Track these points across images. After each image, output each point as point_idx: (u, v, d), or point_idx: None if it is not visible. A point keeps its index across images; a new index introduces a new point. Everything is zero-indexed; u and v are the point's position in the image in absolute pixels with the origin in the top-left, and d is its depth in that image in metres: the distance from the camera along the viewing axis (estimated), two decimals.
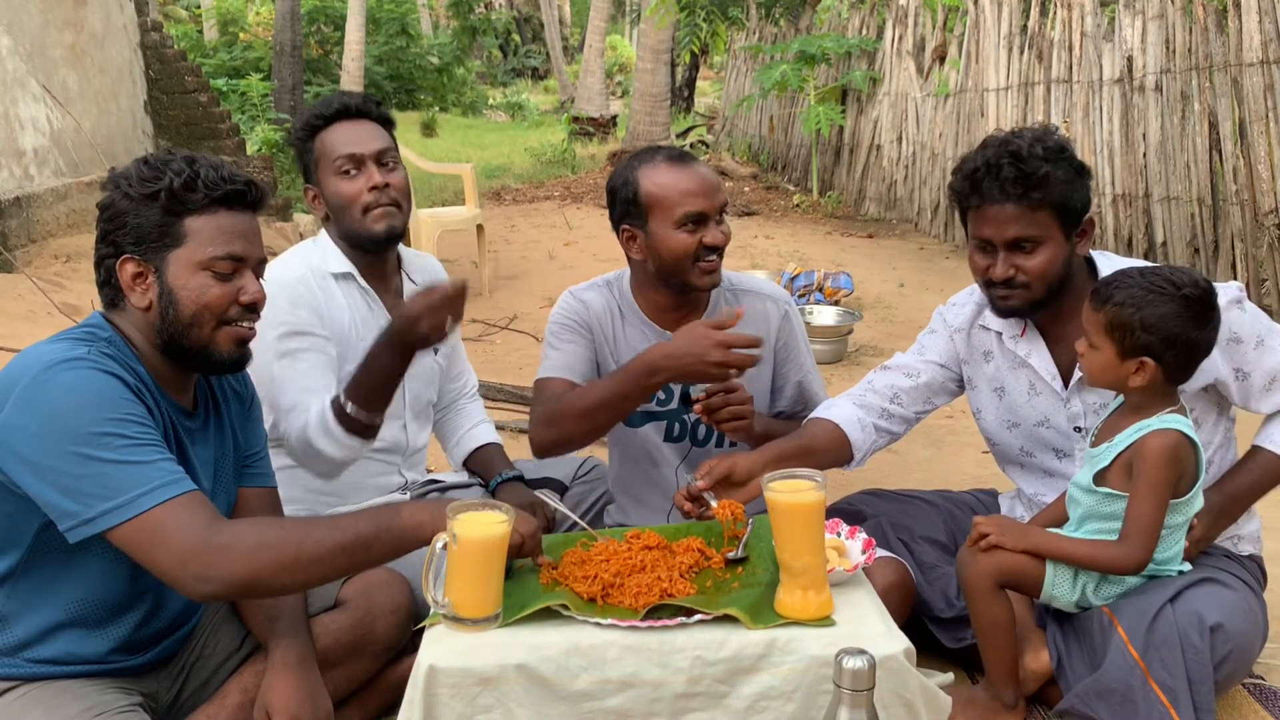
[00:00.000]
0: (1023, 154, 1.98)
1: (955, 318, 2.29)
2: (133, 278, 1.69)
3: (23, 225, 6.15)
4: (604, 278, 2.43)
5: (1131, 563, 1.88)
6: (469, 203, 6.70)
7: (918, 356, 2.31)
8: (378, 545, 1.63)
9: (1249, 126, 5.22)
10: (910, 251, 7.93)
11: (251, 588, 1.59)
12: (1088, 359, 1.91)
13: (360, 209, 2.25)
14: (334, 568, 1.62)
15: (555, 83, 25.12)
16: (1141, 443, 1.87)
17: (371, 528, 1.62)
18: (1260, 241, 5.23)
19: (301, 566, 1.58)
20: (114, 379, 1.59)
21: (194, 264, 1.68)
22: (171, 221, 1.67)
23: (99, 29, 7.48)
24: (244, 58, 17.87)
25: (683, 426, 2.37)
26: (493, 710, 1.59)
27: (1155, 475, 1.85)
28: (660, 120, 11.70)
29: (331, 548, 1.59)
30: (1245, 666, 2.01)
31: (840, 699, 1.28)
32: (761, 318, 2.35)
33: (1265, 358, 2.03)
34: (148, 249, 1.68)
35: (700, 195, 2.18)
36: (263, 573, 1.56)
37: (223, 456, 1.85)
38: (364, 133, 2.28)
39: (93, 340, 1.66)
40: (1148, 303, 1.84)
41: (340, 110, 2.29)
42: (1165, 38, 5.90)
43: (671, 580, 1.73)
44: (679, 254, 2.20)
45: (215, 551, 1.53)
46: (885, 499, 2.44)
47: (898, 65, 9.10)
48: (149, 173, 1.68)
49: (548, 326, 2.40)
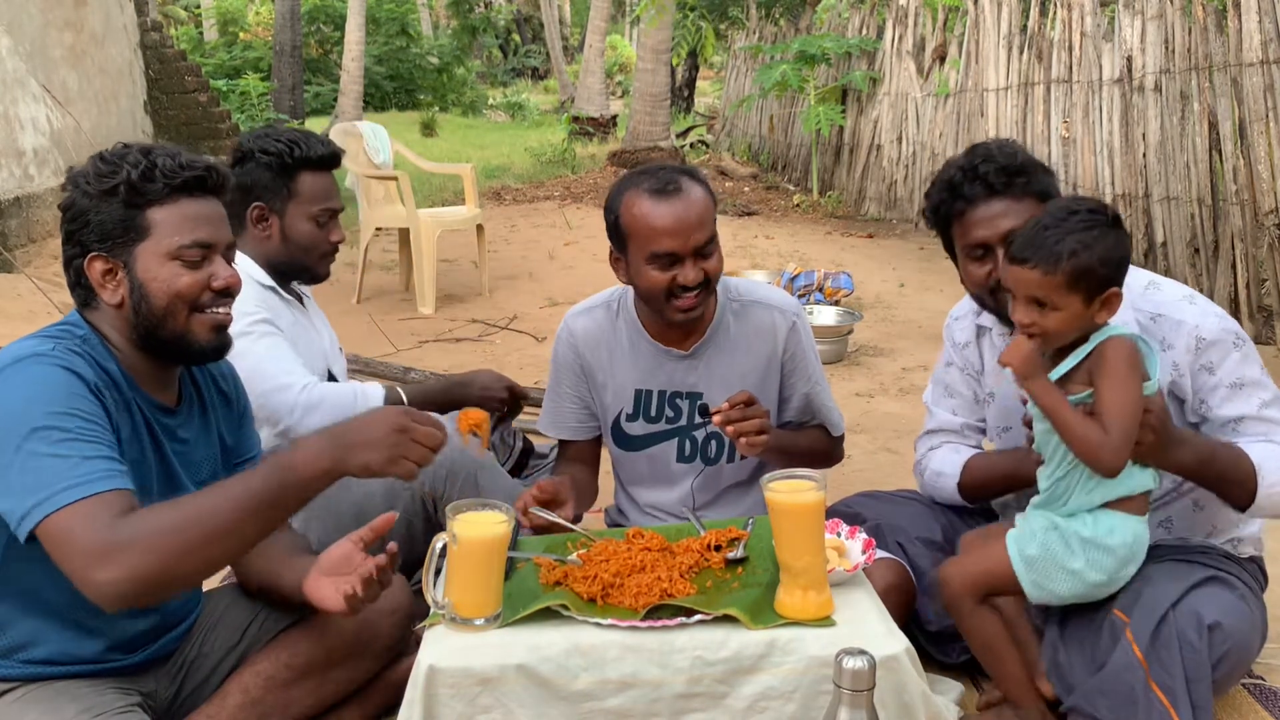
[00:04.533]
0: (992, 153, 2.04)
1: (961, 333, 2.32)
2: (102, 275, 1.68)
3: (23, 225, 6.16)
4: (606, 295, 2.36)
5: (1109, 451, 1.79)
6: (469, 203, 6.69)
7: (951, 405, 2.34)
8: (282, 498, 1.56)
9: (1249, 126, 5.22)
10: (910, 251, 7.92)
11: (165, 580, 1.50)
12: (1047, 321, 1.82)
13: (319, 255, 2.47)
14: (244, 536, 1.55)
15: (555, 83, 25.11)
16: (1100, 350, 1.82)
17: (265, 483, 1.55)
18: (1260, 241, 5.22)
19: (210, 543, 1.51)
20: (70, 374, 1.58)
21: (162, 254, 1.67)
22: (134, 214, 1.66)
23: (99, 29, 7.48)
24: (244, 58, 17.88)
25: (693, 445, 2.32)
26: (493, 710, 1.59)
27: (1122, 370, 1.79)
28: (660, 120, 11.69)
29: (233, 515, 1.52)
30: (1243, 666, 2.01)
31: (840, 699, 1.28)
32: (769, 329, 2.29)
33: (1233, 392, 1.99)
34: (114, 245, 1.67)
35: (673, 235, 2.07)
36: (171, 560, 1.48)
37: (208, 455, 1.84)
38: (336, 185, 2.48)
39: (65, 337, 1.66)
40: (1093, 240, 1.79)
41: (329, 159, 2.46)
42: (1165, 38, 5.90)
43: (671, 580, 1.73)
44: (650, 290, 2.14)
45: (118, 548, 1.46)
46: (881, 500, 2.44)
47: (898, 65, 9.09)
48: (105, 168, 1.67)
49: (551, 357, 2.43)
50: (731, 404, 2.04)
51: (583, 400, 2.36)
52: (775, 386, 2.32)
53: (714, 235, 2.14)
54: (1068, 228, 1.81)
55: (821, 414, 2.37)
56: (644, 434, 2.32)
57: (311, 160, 2.42)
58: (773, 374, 2.31)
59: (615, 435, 2.36)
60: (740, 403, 2.04)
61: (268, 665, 1.85)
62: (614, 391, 2.31)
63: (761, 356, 2.29)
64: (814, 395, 2.35)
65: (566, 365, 2.34)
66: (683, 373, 2.28)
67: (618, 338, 2.30)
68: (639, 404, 2.31)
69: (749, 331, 2.28)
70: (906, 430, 4.09)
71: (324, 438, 1.59)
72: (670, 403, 2.30)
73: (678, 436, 2.32)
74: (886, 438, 4.04)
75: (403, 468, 1.59)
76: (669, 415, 2.30)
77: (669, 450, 2.33)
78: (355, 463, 1.56)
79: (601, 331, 2.31)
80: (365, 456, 1.56)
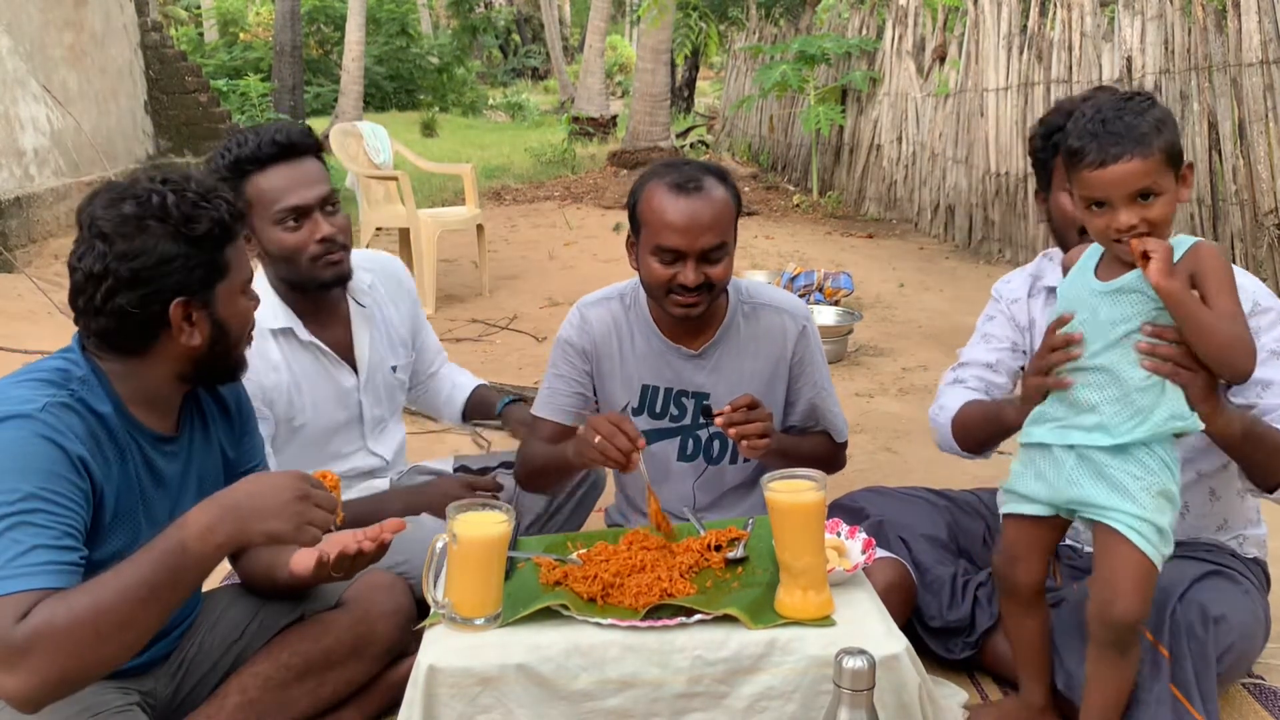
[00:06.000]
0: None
1: (1011, 292, 2.32)
2: (183, 319, 1.64)
3: (23, 225, 6.15)
4: (619, 287, 2.34)
5: (1246, 351, 1.67)
6: (469, 203, 6.69)
7: (987, 347, 2.30)
8: (177, 580, 1.49)
9: (1249, 126, 5.22)
10: (910, 251, 7.92)
11: (70, 678, 1.44)
12: (1152, 212, 1.69)
13: (308, 259, 2.18)
14: (144, 623, 1.48)
15: (555, 83, 25.11)
16: (1194, 255, 1.72)
17: (155, 570, 1.47)
18: (1260, 241, 5.23)
19: (107, 640, 1.44)
20: (51, 446, 1.52)
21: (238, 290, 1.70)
22: (216, 257, 1.64)
23: (99, 29, 7.48)
24: (244, 58, 17.88)
25: (696, 444, 2.32)
26: (493, 710, 1.59)
27: (1228, 277, 1.71)
28: (660, 120, 11.69)
29: (127, 608, 1.45)
30: (1246, 661, 2.02)
31: (840, 699, 1.28)
32: (780, 333, 2.28)
33: None
34: (195, 289, 1.63)
35: (680, 233, 2.06)
36: (71, 660, 1.41)
37: (208, 472, 1.83)
38: (304, 175, 2.16)
39: (60, 384, 1.60)
40: (1162, 113, 1.72)
41: (276, 151, 2.13)
42: (1164, 38, 5.90)
43: (671, 580, 1.73)
44: (650, 281, 2.14)
45: (17, 654, 1.39)
46: (886, 496, 2.44)
47: (898, 65, 9.09)
48: (190, 210, 1.61)
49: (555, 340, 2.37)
50: (734, 407, 2.03)
51: (582, 387, 2.33)
52: (782, 390, 2.32)
53: (725, 242, 2.11)
54: (1134, 109, 1.73)
55: (826, 420, 2.36)
56: (647, 430, 2.32)
57: (254, 159, 2.12)
58: (780, 377, 2.31)
59: None
60: (743, 406, 2.04)
61: (266, 666, 1.85)
62: (621, 384, 2.31)
63: (770, 359, 2.29)
64: (820, 401, 2.34)
65: (574, 350, 2.31)
66: (690, 372, 2.28)
67: (630, 331, 2.29)
68: (645, 399, 2.30)
69: (759, 334, 2.28)
70: (906, 430, 4.09)
71: (215, 510, 1.51)
72: (676, 401, 2.29)
73: (680, 435, 2.32)
74: (886, 438, 4.04)
75: (309, 535, 1.54)
76: (673, 413, 2.30)
77: (670, 449, 2.33)
78: (257, 532, 1.51)
79: (616, 322, 2.30)
80: (269, 526, 1.51)
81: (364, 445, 2.44)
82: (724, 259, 2.12)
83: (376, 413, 2.44)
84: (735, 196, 2.15)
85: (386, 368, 2.45)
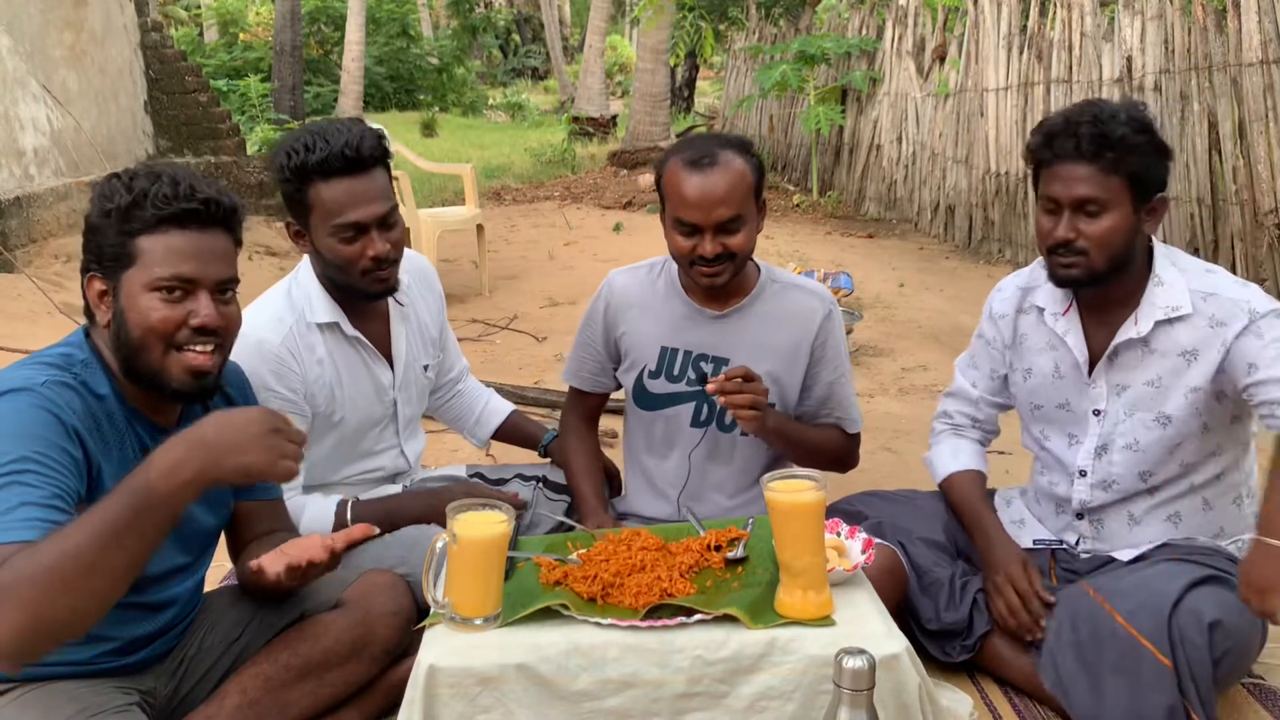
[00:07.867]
0: (1103, 116, 1.94)
1: (1001, 305, 2.32)
2: (98, 295, 1.67)
3: (23, 225, 6.15)
4: (651, 260, 2.42)
5: None
6: (469, 203, 6.70)
7: (977, 374, 2.39)
8: (145, 521, 1.43)
9: (1249, 126, 5.22)
10: (910, 251, 7.92)
11: (42, 630, 1.38)
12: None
13: (359, 272, 2.16)
14: (112, 570, 1.42)
15: (555, 83, 25.11)
16: None
17: (120, 511, 1.41)
18: (1260, 241, 5.23)
19: (74, 587, 1.38)
20: (49, 415, 1.54)
21: (143, 285, 1.64)
22: (124, 240, 1.64)
23: (99, 29, 7.47)
24: (244, 58, 17.87)
25: (710, 409, 2.35)
26: (493, 710, 1.59)
27: None
28: (660, 120, 11.70)
29: (93, 552, 1.39)
30: (1244, 665, 2.02)
31: (840, 699, 1.28)
32: (806, 312, 2.33)
33: None
34: (107, 267, 1.66)
35: (695, 207, 2.11)
36: (42, 608, 1.37)
37: None
38: (366, 191, 2.12)
39: (63, 366, 1.63)
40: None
41: (344, 165, 2.09)
42: (1164, 38, 5.90)
43: (671, 580, 1.73)
44: (676, 252, 2.21)
45: None
46: (884, 499, 2.44)
47: (898, 65, 9.09)
48: (107, 189, 1.65)
49: None
50: (728, 376, 2.08)
51: (602, 355, 2.43)
52: (801, 370, 2.35)
53: (741, 214, 2.13)
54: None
55: (842, 407, 2.40)
56: (665, 393, 2.36)
57: (317, 168, 2.09)
58: (801, 356, 2.33)
59: (637, 394, 2.39)
60: (737, 376, 2.08)
61: (266, 666, 1.85)
62: (639, 345, 2.35)
63: (793, 336, 2.32)
64: (838, 385, 2.39)
65: (597, 317, 2.42)
66: (711, 335, 2.31)
67: (654, 294, 2.36)
68: (662, 361, 2.35)
69: (786, 310, 2.32)
70: (906, 430, 4.09)
71: (181, 447, 1.45)
72: (694, 364, 2.33)
73: (696, 400, 2.35)
74: (886, 438, 4.04)
75: (284, 468, 1.50)
76: (690, 377, 2.33)
77: (685, 413, 2.36)
78: (230, 467, 1.46)
79: (640, 287, 2.38)
80: (243, 460, 1.46)
81: (398, 444, 2.44)
82: (742, 229, 2.16)
83: (408, 411, 2.44)
84: (757, 167, 2.18)
85: (419, 366, 2.46)
